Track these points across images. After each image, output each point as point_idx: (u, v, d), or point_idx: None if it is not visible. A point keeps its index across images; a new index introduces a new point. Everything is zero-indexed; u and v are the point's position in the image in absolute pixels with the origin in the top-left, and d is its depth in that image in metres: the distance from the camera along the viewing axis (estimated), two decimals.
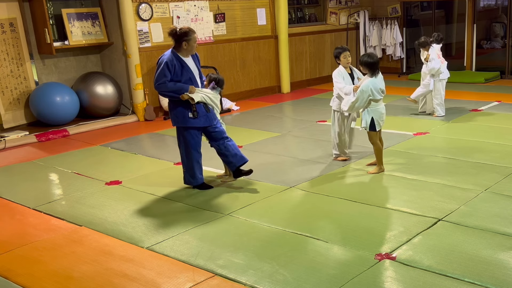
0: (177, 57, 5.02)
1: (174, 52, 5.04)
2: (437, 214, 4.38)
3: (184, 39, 4.96)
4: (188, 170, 5.28)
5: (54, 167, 6.40)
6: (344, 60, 5.68)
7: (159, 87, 5.01)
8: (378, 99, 5.38)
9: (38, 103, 8.19)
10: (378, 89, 5.35)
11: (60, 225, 4.63)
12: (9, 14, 8.20)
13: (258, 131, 7.71)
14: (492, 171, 5.39)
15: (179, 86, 5.00)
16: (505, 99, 9.05)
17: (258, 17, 10.64)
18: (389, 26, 12.39)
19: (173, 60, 4.99)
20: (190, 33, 4.98)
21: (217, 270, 3.65)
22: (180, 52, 5.03)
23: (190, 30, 5.00)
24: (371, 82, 5.34)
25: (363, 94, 5.33)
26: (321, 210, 4.68)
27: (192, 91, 5.03)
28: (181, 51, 5.03)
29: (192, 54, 5.13)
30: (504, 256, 3.65)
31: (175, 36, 4.98)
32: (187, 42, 4.98)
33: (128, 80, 8.97)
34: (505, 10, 11.93)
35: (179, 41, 4.98)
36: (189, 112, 5.06)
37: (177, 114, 5.11)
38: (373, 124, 5.43)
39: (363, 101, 5.37)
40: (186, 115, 5.07)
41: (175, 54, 5.03)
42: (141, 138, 7.78)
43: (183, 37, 4.96)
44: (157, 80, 5.00)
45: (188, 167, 5.27)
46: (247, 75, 10.58)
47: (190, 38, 4.97)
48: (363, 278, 3.43)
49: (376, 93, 5.34)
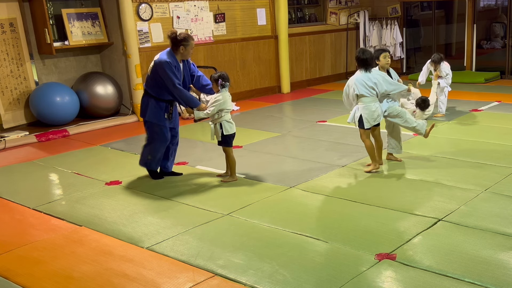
0: (174, 58, 5.23)
1: (171, 53, 5.25)
2: (437, 214, 4.38)
3: (182, 43, 5.21)
4: (153, 157, 5.52)
5: (54, 167, 6.40)
6: (384, 60, 5.69)
7: (178, 89, 5.20)
8: (366, 95, 5.32)
9: (38, 103, 8.19)
10: (364, 84, 5.30)
11: (60, 225, 4.63)
12: (9, 14, 8.20)
13: (258, 131, 7.71)
14: (492, 171, 5.39)
15: (193, 99, 5.30)
16: (505, 99, 9.05)
17: (258, 17, 10.64)
18: (389, 26, 12.38)
19: (173, 61, 5.20)
20: (189, 39, 5.26)
21: (217, 270, 3.65)
22: (176, 55, 5.26)
23: (189, 37, 5.26)
24: (356, 76, 5.37)
25: (348, 88, 5.42)
26: (321, 210, 4.68)
27: (201, 109, 5.29)
28: (177, 54, 5.27)
29: (184, 60, 5.35)
30: (504, 256, 3.65)
31: (174, 39, 5.22)
32: (185, 47, 5.24)
33: (128, 80, 8.97)
34: (505, 10, 11.93)
35: (177, 44, 5.23)
36: (166, 113, 5.37)
37: (153, 111, 5.36)
38: (361, 121, 5.42)
39: (350, 96, 5.41)
40: (163, 115, 5.37)
41: (173, 55, 5.23)
42: (141, 138, 7.76)
43: (182, 41, 5.21)
44: (172, 80, 5.17)
45: (154, 155, 5.52)
46: (247, 75, 10.58)
47: (188, 44, 5.24)
48: (363, 278, 3.43)
49: (362, 88, 5.29)
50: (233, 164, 5.49)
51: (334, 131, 7.41)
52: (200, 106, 5.29)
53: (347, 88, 5.46)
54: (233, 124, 5.43)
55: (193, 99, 5.31)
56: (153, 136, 5.48)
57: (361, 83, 5.32)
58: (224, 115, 5.34)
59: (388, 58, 5.73)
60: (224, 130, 5.34)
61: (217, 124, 5.36)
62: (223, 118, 5.34)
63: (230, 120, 5.41)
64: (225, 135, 5.36)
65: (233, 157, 5.49)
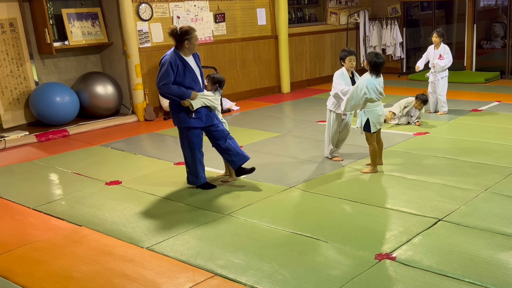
0: (180, 57, 5.01)
1: (176, 52, 5.02)
2: (437, 214, 4.38)
3: (185, 38, 4.96)
4: (191, 170, 5.29)
5: (54, 167, 6.40)
6: (349, 63, 5.69)
7: (163, 87, 4.98)
8: (375, 99, 5.33)
9: (38, 103, 8.19)
10: (374, 89, 5.28)
11: (60, 225, 4.62)
12: (9, 14, 8.20)
13: (258, 131, 7.71)
14: (492, 171, 5.39)
15: (182, 91, 4.99)
16: (505, 99, 9.05)
17: (258, 17, 10.64)
18: (389, 26, 12.39)
19: (176, 60, 4.97)
20: (191, 31, 4.98)
21: (217, 270, 3.65)
22: (182, 52, 5.03)
23: (190, 29, 5.00)
24: (368, 80, 5.29)
25: (357, 91, 5.29)
26: (321, 210, 4.68)
27: (194, 97, 5.03)
28: (183, 50, 5.02)
29: (193, 53, 5.13)
30: (504, 256, 3.65)
31: (176, 35, 4.98)
32: (189, 41, 4.98)
33: (128, 80, 8.97)
34: (505, 10, 11.93)
35: (181, 40, 4.97)
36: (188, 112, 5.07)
37: (178, 115, 5.11)
38: (368, 125, 5.42)
39: (358, 99, 5.30)
40: (186, 115, 5.08)
41: (178, 54, 5.01)
42: (141, 138, 7.78)
43: (184, 36, 4.95)
44: (160, 80, 4.98)
45: (191, 167, 5.28)
46: (247, 75, 10.58)
47: (191, 37, 4.97)
48: (363, 278, 3.43)
49: (373, 93, 5.27)
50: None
51: None
52: (193, 95, 5.04)
53: (357, 90, 5.32)
54: (225, 122, 5.39)
55: (183, 91, 4.99)
56: (183, 145, 5.25)
57: (372, 88, 5.27)
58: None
59: (354, 62, 5.73)
60: None
61: None
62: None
63: (222, 119, 5.37)
64: None
65: None
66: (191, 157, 5.24)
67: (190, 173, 5.31)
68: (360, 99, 5.30)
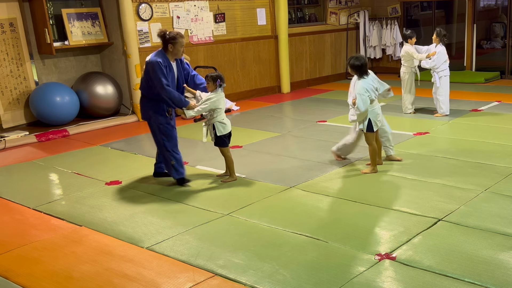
0: (166, 58, 5.18)
1: (163, 53, 5.20)
2: (437, 214, 4.38)
3: (170, 42, 5.15)
4: (177, 161, 5.39)
5: (54, 167, 6.40)
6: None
7: (166, 90, 5.09)
8: (374, 99, 5.40)
9: (38, 103, 8.19)
10: (372, 88, 5.37)
11: (60, 225, 4.63)
12: (9, 14, 8.20)
13: (258, 131, 7.71)
14: (492, 171, 5.39)
15: (181, 99, 5.19)
16: (505, 99, 9.05)
17: (258, 17, 10.64)
18: (389, 26, 12.39)
19: (164, 60, 5.14)
20: (177, 37, 5.17)
21: (217, 270, 3.65)
22: (167, 54, 5.21)
23: (178, 35, 5.19)
24: (364, 82, 5.35)
25: (362, 97, 5.31)
26: (321, 210, 4.68)
27: (191, 107, 5.21)
28: (168, 53, 5.21)
29: (177, 59, 5.29)
30: (504, 256, 3.65)
31: (163, 38, 5.18)
32: (173, 45, 5.15)
33: (128, 80, 8.97)
34: (505, 10, 11.92)
35: (166, 43, 5.18)
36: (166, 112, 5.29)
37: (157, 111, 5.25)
38: (371, 125, 5.44)
39: (366, 103, 5.34)
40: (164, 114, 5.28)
41: (164, 55, 5.19)
42: (141, 138, 7.78)
43: (170, 40, 5.15)
44: (160, 81, 5.07)
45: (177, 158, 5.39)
46: (247, 75, 10.58)
47: (176, 42, 5.16)
48: (363, 278, 3.43)
49: (372, 93, 5.37)
50: (231, 164, 5.49)
51: (334, 131, 7.41)
52: (190, 105, 5.21)
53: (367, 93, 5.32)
54: (226, 124, 5.39)
55: (182, 99, 5.19)
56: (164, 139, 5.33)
57: (370, 88, 5.36)
58: (217, 116, 5.31)
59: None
60: (217, 131, 5.32)
61: (210, 126, 5.34)
62: (216, 119, 5.31)
63: (223, 120, 5.37)
64: (219, 136, 5.34)
65: (230, 156, 5.48)
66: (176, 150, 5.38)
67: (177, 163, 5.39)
68: (368, 103, 5.35)
